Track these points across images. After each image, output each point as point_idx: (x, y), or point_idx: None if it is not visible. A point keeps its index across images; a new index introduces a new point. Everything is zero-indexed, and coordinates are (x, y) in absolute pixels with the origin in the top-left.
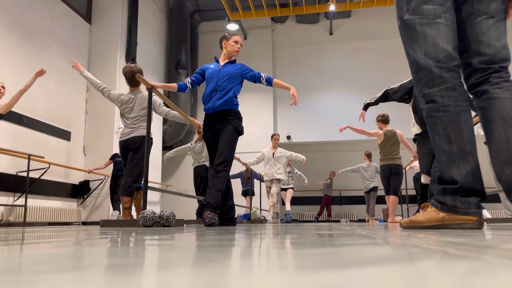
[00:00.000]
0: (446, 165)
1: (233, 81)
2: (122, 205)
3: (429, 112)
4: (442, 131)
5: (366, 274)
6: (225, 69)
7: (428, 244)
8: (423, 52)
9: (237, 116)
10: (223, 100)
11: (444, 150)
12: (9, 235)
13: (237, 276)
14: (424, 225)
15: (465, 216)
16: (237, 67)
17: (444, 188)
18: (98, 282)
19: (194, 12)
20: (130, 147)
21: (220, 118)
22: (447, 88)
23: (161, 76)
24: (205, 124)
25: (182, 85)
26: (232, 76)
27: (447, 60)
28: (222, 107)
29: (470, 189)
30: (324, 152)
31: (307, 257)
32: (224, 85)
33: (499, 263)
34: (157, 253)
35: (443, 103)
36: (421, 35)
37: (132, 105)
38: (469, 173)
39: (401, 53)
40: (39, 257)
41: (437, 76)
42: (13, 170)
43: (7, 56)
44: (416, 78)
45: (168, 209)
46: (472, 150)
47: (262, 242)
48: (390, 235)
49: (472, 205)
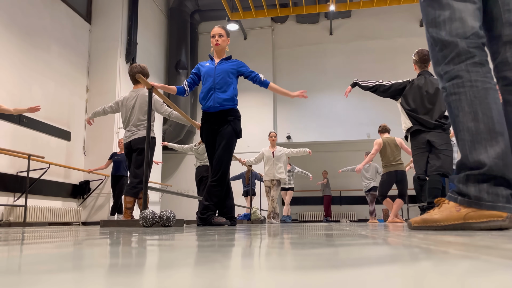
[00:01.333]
0: (471, 146)
1: (230, 78)
2: (125, 204)
3: (453, 89)
4: (468, 108)
5: (366, 274)
6: (220, 66)
7: (428, 244)
8: (449, 28)
9: (237, 116)
10: (224, 99)
11: (469, 129)
12: (9, 235)
13: (237, 276)
14: (442, 224)
15: (492, 212)
16: (234, 63)
17: (467, 175)
18: (98, 283)
19: (194, 12)
20: (133, 148)
21: (220, 117)
22: (475, 63)
23: (161, 76)
24: (203, 123)
25: (181, 89)
26: (228, 72)
27: (474, 37)
28: (223, 106)
29: (499, 177)
30: (324, 152)
31: (308, 257)
32: (221, 82)
33: (499, 263)
34: (157, 253)
35: (470, 78)
36: (447, 9)
37: (134, 101)
38: (499, 155)
39: (401, 53)
40: (39, 257)
41: (464, 51)
42: (13, 170)
43: (7, 56)
44: (439, 57)
45: (168, 209)
46: (503, 131)
47: (262, 242)
48: (390, 235)
49: (501, 198)
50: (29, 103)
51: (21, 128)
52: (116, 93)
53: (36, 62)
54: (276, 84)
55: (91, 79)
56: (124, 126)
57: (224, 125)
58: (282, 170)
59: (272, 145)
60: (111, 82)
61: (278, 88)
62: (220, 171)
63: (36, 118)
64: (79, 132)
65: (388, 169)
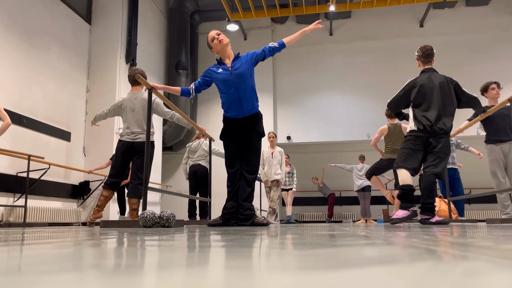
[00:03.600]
0: None
1: (250, 78)
2: (130, 206)
3: None
4: None
5: (367, 274)
6: (236, 71)
7: (428, 245)
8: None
9: (260, 119)
10: (250, 106)
11: None
12: (9, 236)
13: (238, 276)
14: None
15: None
16: (246, 60)
17: None
18: (98, 283)
19: (194, 12)
20: (136, 150)
21: (246, 123)
22: None
23: (161, 76)
24: (226, 128)
25: (186, 90)
26: (246, 75)
27: None
28: (250, 112)
29: None
30: (324, 152)
31: (308, 257)
32: (244, 88)
33: (499, 264)
34: (157, 254)
35: None
36: None
37: (135, 103)
38: None
39: (401, 53)
40: (39, 257)
41: None
42: (13, 171)
43: (6, 57)
44: None
45: (168, 209)
46: None
47: (263, 243)
48: (390, 236)
49: None
50: (29, 103)
51: (21, 129)
52: (116, 93)
53: (36, 63)
54: (276, 84)
55: (91, 79)
56: (125, 127)
57: (250, 130)
58: (279, 171)
59: (271, 145)
60: (111, 82)
61: (294, 37)
62: (254, 174)
63: (36, 119)
64: (79, 133)
65: (389, 156)
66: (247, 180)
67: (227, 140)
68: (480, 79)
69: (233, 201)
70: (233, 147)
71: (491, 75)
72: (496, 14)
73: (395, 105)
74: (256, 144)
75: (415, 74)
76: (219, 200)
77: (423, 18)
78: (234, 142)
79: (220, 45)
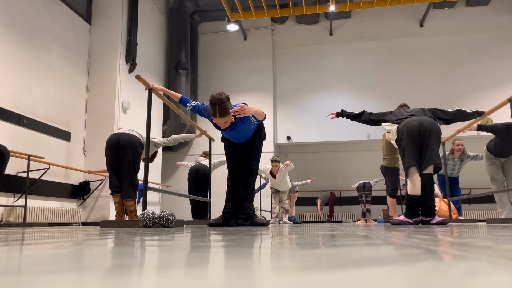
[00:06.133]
0: None
1: (251, 129)
2: (127, 208)
3: None
4: None
5: (367, 274)
6: (235, 132)
7: (428, 245)
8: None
9: (261, 128)
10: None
11: None
12: (9, 236)
13: (238, 276)
14: None
15: None
16: (249, 127)
17: None
18: (98, 283)
19: (194, 12)
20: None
21: None
22: None
23: (161, 76)
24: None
25: (184, 102)
26: (246, 131)
27: None
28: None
29: None
30: (324, 152)
31: (308, 257)
32: (243, 135)
33: (499, 264)
34: (156, 254)
35: None
36: None
37: None
38: None
39: (401, 53)
40: (39, 257)
41: None
42: (13, 171)
43: (6, 57)
44: None
45: (168, 209)
46: None
47: (263, 243)
48: (390, 236)
49: None
50: (29, 103)
51: (21, 129)
52: (116, 93)
53: (36, 63)
54: (276, 84)
55: (91, 79)
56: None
57: (251, 138)
58: (285, 188)
59: (274, 170)
60: (111, 82)
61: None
62: (254, 175)
63: (36, 119)
64: (79, 133)
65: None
66: (247, 180)
67: (228, 142)
68: (480, 79)
69: (233, 201)
70: (234, 149)
71: (491, 75)
72: (496, 14)
73: None
74: (257, 147)
75: (415, 74)
76: (219, 200)
77: (423, 18)
78: (235, 144)
79: (222, 127)
